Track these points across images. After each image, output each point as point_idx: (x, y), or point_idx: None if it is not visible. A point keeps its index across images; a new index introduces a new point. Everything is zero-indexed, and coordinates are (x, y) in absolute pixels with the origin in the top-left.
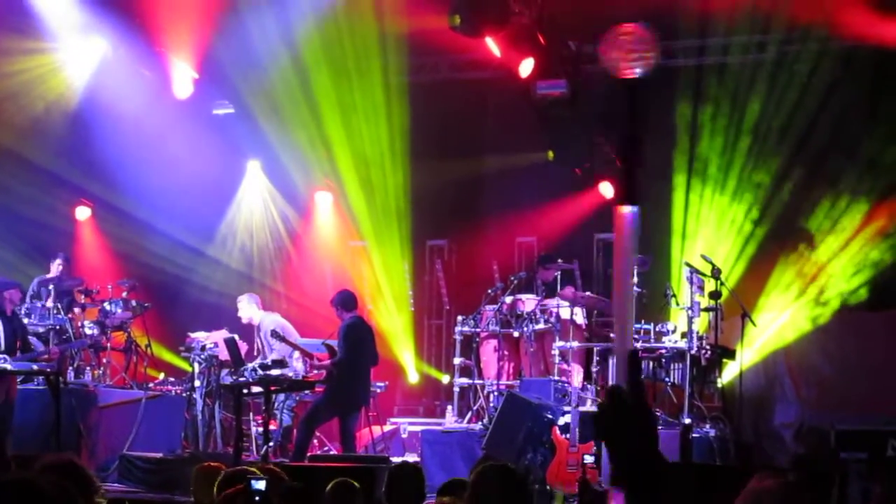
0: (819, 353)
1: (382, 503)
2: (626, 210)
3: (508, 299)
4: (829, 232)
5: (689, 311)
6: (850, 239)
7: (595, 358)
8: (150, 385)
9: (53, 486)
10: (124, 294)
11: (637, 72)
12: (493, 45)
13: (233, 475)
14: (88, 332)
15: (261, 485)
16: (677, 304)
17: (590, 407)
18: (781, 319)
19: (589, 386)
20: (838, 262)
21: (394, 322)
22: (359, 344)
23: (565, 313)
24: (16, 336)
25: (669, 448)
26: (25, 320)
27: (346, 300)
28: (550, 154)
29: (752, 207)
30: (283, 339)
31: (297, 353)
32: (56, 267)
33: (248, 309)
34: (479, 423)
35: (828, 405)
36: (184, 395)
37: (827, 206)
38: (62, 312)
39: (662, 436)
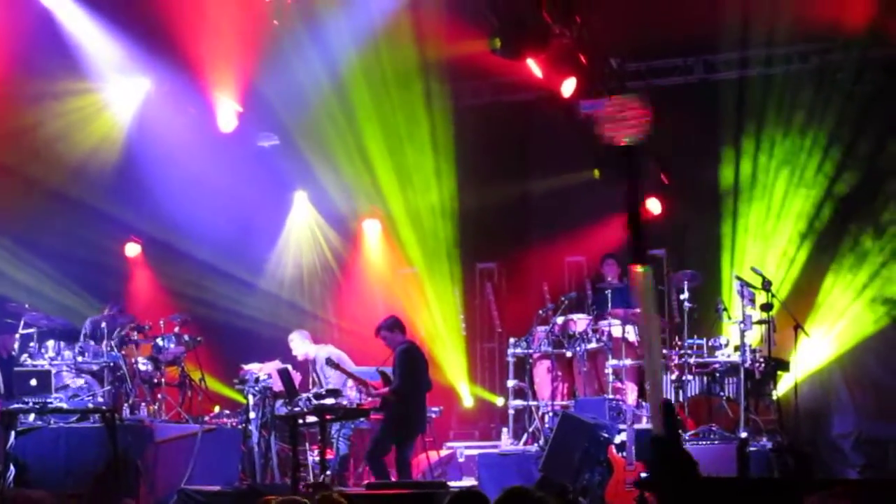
0: (875, 361)
1: None
2: (641, 269)
3: (560, 319)
4: (881, 238)
5: (742, 325)
6: None
7: None
8: (206, 418)
9: None
10: (176, 329)
11: (628, 140)
12: (534, 67)
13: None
14: (142, 367)
15: None
16: (729, 318)
17: (645, 424)
18: (835, 329)
19: (643, 403)
20: (892, 268)
21: (446, 347)
22: (415, 370)
23: (617, 332)
24: (11, 380)
25: (726, 462)
26: (80, 358)
27: (394, 325)
28: (596, 173)
29: (801, 217)
30: (337, 366)
31: (350, 382)
32: (107, 311)
33: (301, 346)
34: (535, 444)
35: (885, 414)
36: (239, 427)
37: (877, 213)
38: (115, 350)
39: (719, 450)
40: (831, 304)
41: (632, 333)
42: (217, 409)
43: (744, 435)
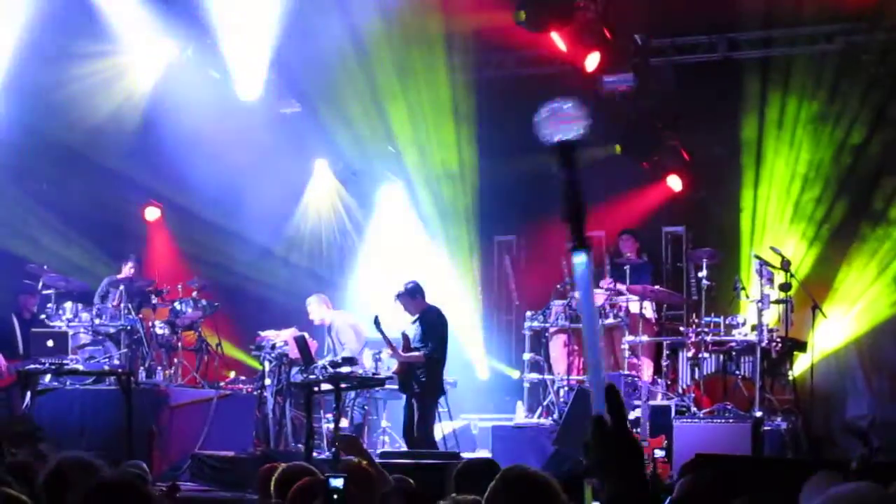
0: (892, 345)
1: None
2: (581, 259)
3: (577, 294)
4: None
5: (759, 304)
6: None
7: (665, 352)
8: (221, 384)
9: None
10: (194, 294)
11: (567, 136)
12: (558, 40)
13: (292, 472)
14: (159, 331)
15: (338, 482)
16: (747, 297)
17: (660, 401)
18: (854, 310)
19: (659, 380)
20: None
21: (463, 318)
22: (446, 334)
23: (634, 307)
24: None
25: (741, 441)
26: (97, 321)
27: (416, 289)
28: (618, 148)
29: (822, 198)
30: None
31: (367, 350)
32: (127, 269)
33: (318, 310)
34: (550, 418)
35: None
36: (255, 393)
37: None
38: (133, 313)
39: (734, 429)
40: (850, 286)
41: (649, 310)
42: (233, 374)
43: (758, 414)
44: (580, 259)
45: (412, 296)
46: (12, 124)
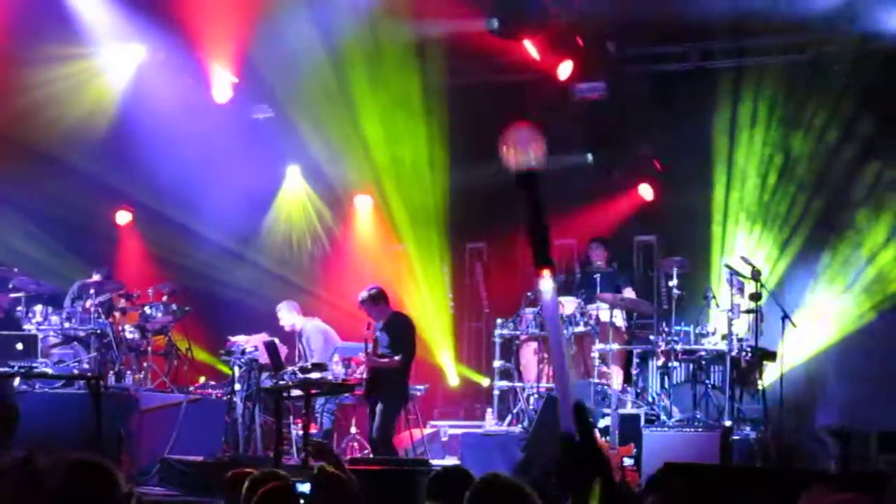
0: (861, 355)
1: None
2: (548, 286)
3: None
4: (871, 233)
5: (730, 313)
6: (891, 239)
7: (635, 360)
8: (191, 389)
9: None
10: (164, 298)
11: (528, 164)
12: (531, 48)
13: (260, 478)
14: (129, 335)
15: (305, 487)
16: (717, 306)
17: (630, 409)
18: (823, 320)
19: (629, 388)
20: (880, 262)
21: (433, 325)
22: (414, 339)
23: (605, 316)
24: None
25: (710, 450)
26: (66, 324)
27: (379, 295)
28: (590, 156)
29: (792, 209)
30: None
31: (336, 357)
32: (97, 277)
33: (288, 316)
34: (520, 425)
35: (870, 407)
36: (224, 398)
37: (869, 207)
38: (102, 316)
39: (703, 438)
40: (820, 296)
41: (619, 318)
42: (202, 379)
43: (728, 423)
44: (546, 281)
45: (375, 301)
46: None
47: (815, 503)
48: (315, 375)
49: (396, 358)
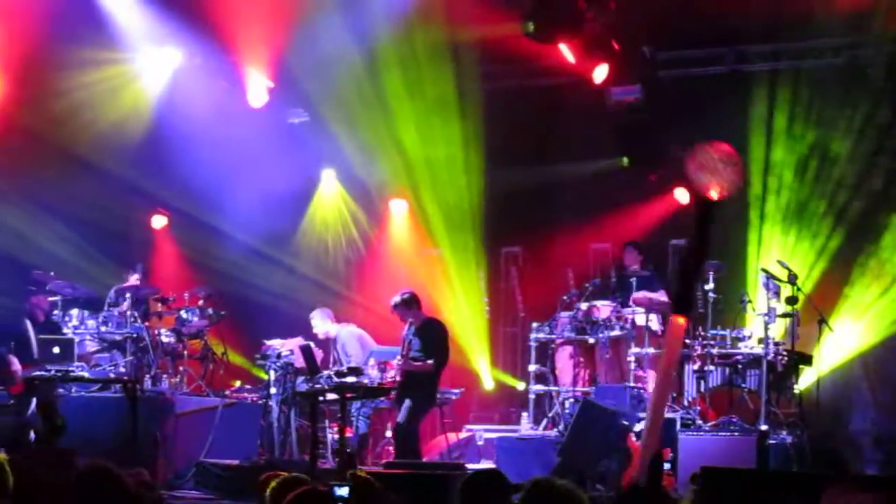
0: None
1: None
2: (681, 321)
3: (584, 306)
4: None
5: (766, 317)
6: None
7: None
8: (227, 392)
9: None
10: (200, 302)
11: (719, 195)
12: (566, 52)
13: (288, 482)
14: (165, 339)
15: (343, 491)
16: (753, 311)
17: (666, 414)
18: (859, 325)
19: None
20: None
21: (469, 329)
22: (447, 344)
23: (640, 319)
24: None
25: (746, 455)
26: (103, 328)
27: (412, 300)
28: (625, 160)
29: (829, 212)
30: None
31: (372, 360)
32: (134, 279)
33: (321, 325)
34: (555, 429)
35: None
36: (260, 402)
37: None
38: (139, 321)
39: (739, 442)
40: (857, 300)
41: (655, 322)
42: (238, 383)
43: (764, 427)
44: (678, 321)
45: (408, 306)
46: (19, 132)
47: (835, 503)
48: (351, 379)
49: (429, 362)
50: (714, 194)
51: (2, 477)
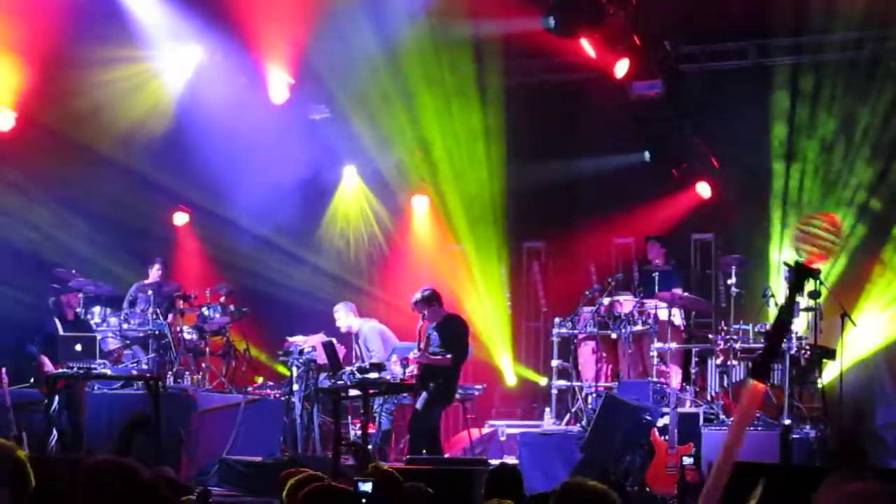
0: None
1: None
2: (760, 387)
3: (606, 301)
4: None
5: None
6: None
7: (693, 359)
8: (249, 389)
9: None
10: (222, 299)
11: (823, 263)
12: (587, 47)
13: (304, 480)
14: (187, 336)
15: (367, 487)
16: (776, 305)
17: (689, 408)
18: (882, 318)
19: (688, 387)
20: None
21: (491, 325)
22: (467, 340)
23: (663, 314)
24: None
25: (770, 449)
26: (125, 325)
27: (433, 297)
28: (647, 154)
29: (851, 206)
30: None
31: (394, 356)
32: (154, 272)
33: (345, 318)
34: (578, 425)
35: None
36: (282, 398)
37: None
38: (161, 318)
39: (762, 437)
40: (879, 294)
41: (678, 317)
42: (260, 380)
43: (787, 422)
44: (758, 386)
45: (429, 303)
46: (42, 130)
47: (830, 494)
48: (373, 375)
49: (448, 356)
50: (816, 263)
51: (23, 474)
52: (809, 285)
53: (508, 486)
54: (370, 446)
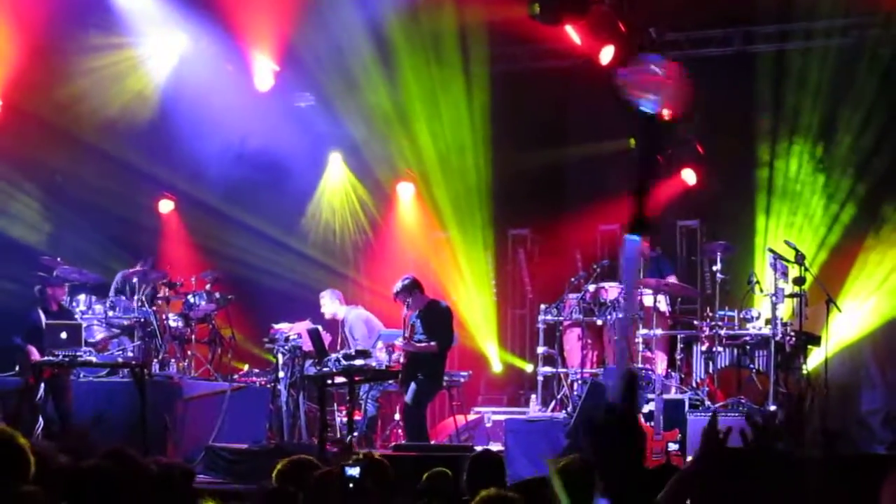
0: None
1: (465, 491)
2: (632, 238)
3: (592, 287)
4: None
5: (773, 298)
6: None
7: (679, 345)
8: (235, 377)
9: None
10: (208, 286)
11: (650, 103)
12: (573, 34)
13: (297, 464)
14: (173, 324)
15: (355, 471)
16: (761, 291)
17: (674, 395)
18: (867, 305)
19: (673, 374)
20: None
21: (477, 312)
22: (452, 326)
23: (648, 301)
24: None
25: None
26: (111, 313)
27: (413, 285)
28: (632, 141)
29: (836, 192)
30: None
31: (379, 343)
32: (141, 266)
33: (331, 305)
34: (563, 411)
35: None
36: (268, 386)
37: None
38: (146, 305)
39: (740, 422)
40: (864, 280)
41: (663, 303)
42: (246, 367)
43: (772, 408)
44: (633, 239)
45: (410, 291)
46: (25, 117)
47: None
48: (359, 362)
49: (432, 343)
50: (644, 103)
51: (23, 462)
52: (794, 271)
53: (490, 472)
54: (356, 433)
